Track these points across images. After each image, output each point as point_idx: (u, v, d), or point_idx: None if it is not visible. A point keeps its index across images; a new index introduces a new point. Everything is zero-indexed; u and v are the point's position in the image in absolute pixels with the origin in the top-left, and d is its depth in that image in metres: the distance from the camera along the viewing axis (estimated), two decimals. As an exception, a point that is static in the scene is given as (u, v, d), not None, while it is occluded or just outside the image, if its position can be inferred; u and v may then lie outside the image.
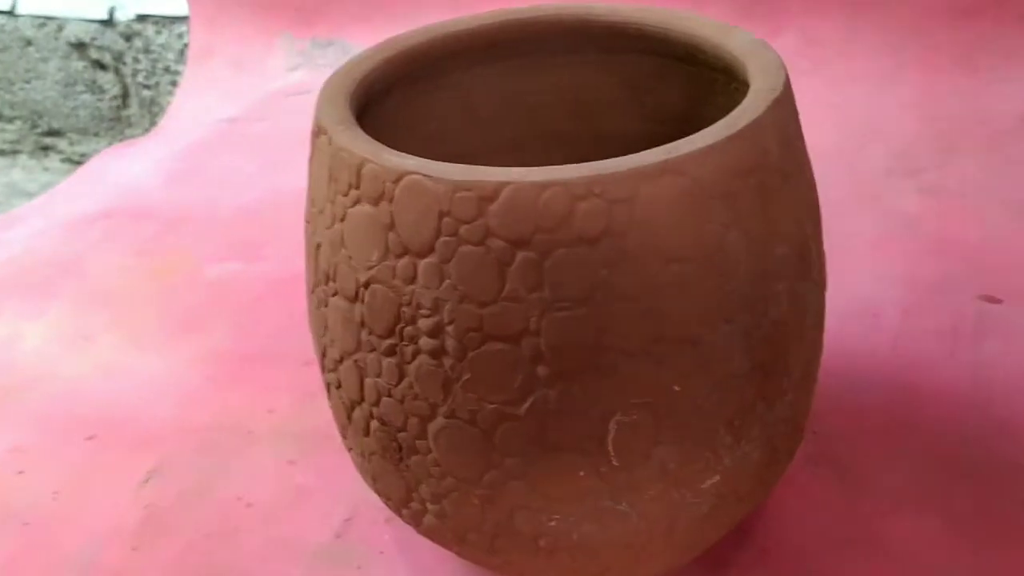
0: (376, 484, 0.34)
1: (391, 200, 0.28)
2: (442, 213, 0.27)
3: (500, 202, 0.26)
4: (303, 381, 0.49)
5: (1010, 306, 0.48)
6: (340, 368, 0.32)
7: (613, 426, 0.28)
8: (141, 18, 0.91)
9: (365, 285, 0.29)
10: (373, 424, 0.31)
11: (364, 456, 0.33)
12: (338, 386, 0.32)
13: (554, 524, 0.30)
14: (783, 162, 0.29)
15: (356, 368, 0.31)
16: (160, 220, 0.64)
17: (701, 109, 0.38)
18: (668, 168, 0.27)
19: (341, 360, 0.31)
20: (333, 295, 0.31)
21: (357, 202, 0.29)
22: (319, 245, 0.31)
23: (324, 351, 0.33)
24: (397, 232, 0.28)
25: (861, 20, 0.68)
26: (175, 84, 0.93)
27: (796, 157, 0.30)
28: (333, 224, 0.30)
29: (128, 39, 0.93)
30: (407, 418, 0.30)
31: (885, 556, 0.37)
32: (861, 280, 0.50)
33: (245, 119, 0.78)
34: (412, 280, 0.28)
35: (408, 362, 0.29)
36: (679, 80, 0.38)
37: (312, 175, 0.31)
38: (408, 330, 0.29)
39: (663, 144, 0.40)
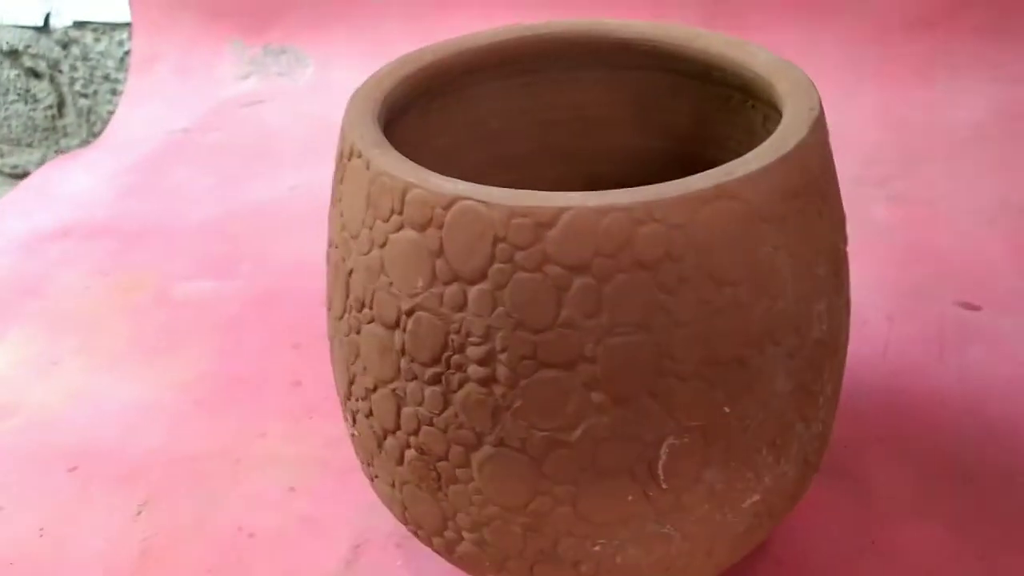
0: (406, 513, 0.33)
1: (440, 226, 0.27)
2: (497, 239, 0.26)
3: (559, 228, 0.26)
4: (293, 404, 0.47)
5: (989, 313, 0.50)
6: (372, 396, 0.31)
7: (665, 450, 0.28)
8: (79, 24, 0.88)
9: (408, 313, 0.28)
10: (409, 453, 0.31)
11: (394, 485, 0.32)
12: (368, 414, 0.31)
13: (598, 549, 0.30)
14: (822, 182, 0.30)
15: (393, 397, 0.30)
16: (119, 236, 0.62)
17: (711, 126, 0.38)
18: (723, 192, 0.26)
19: (375, 388, 0.30)
20: (369, 322, 0.30)
21: (400, 228, 0.28)
22: (351, 271, 0.30)
23: (352, 379, 0.32)
24: (446, 258, 0.27)
25: (820, 33, 0.70)
26: (115, 93, 0.90)
27: (831, 175, 0.31)
28: (371, 250, 0.29)
29: (65, 46, 0.89)
30: (449, 447, 0.29)
31: (895, 565, 0.38)
32: (844, 289, 0.51)
33: (198, 130, 0.75)
34: (462, 307, 0.27)
35: (454, 391, 0.28)
36: (690, 97, 0.38)
37: (344, 199, 0.30)
38: (456, 358, 0.28)
39: (669, 160, 0.40)
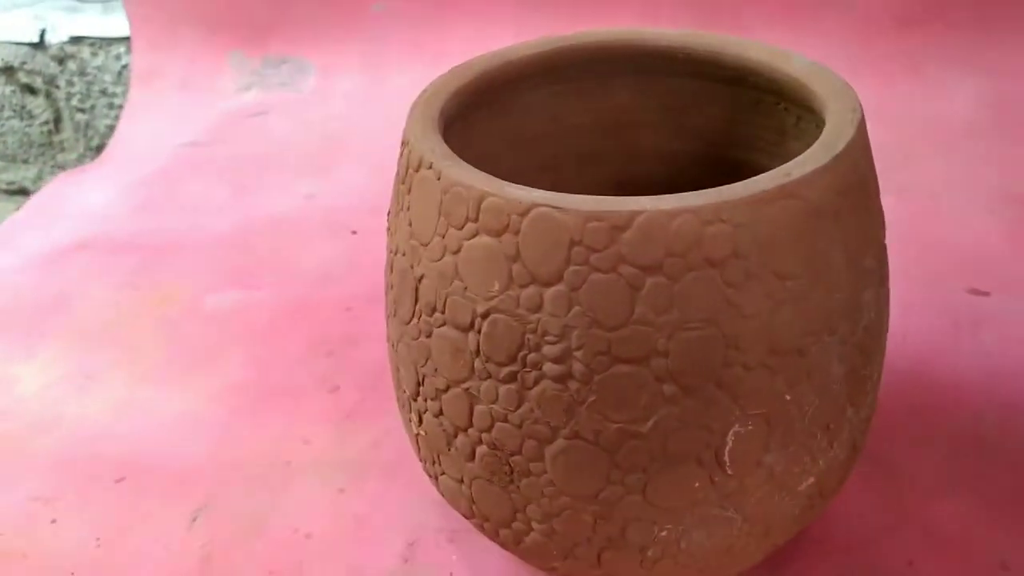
0: (473, 507, 0.34)
1: (517, 232, 0.28)
2: (573, 242, 0.28)
3: (633, 230, 0.27)
4: (333, 409, 0.48)
5: (998, 297, 0.52)
6: (444, 396, 0.32)
7: (731, 437, 0.30)
8: (75, 40, 0.88)
9: (484, 315, 0.30)
10: (481, 449, 0.32)
11: (462, 481, 0.34)
12: (438, 414, 0.33)
13: (665, 534, 0.32)
14: (868, 179, 0.31)
15: (466, 396, 0.31)
16: (140, 251, 0.63)
17: (738, 128, 0.40)
18: (785, 192, 0.28)
19: (447, 389, 0.32)
20: (441, 326, 0.31)
21: (475, 235, 0.29)
22: (422, 277, 0.31)
23: (421, 380, 0.33)
24: (523, 262, 0.29)
25: (811, 32, 0.72)
26: (112, 107, 0.90)
27: (873, 173, 0.32)
28: (443, 256, 0.30)
29: (61, 62, 0.89)
30: (523, 441, 0.31)
31: (933, 539, 0.40)
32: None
33: (206, 143, 0.76)
34: (538, 308, 0.29)
35: (529, 388, 0.30)
36: (719, 101, 0.40)
37: (413, 208, 0.32)
38: (531, 357, 0.29)
39: (696, 161, 0.42)
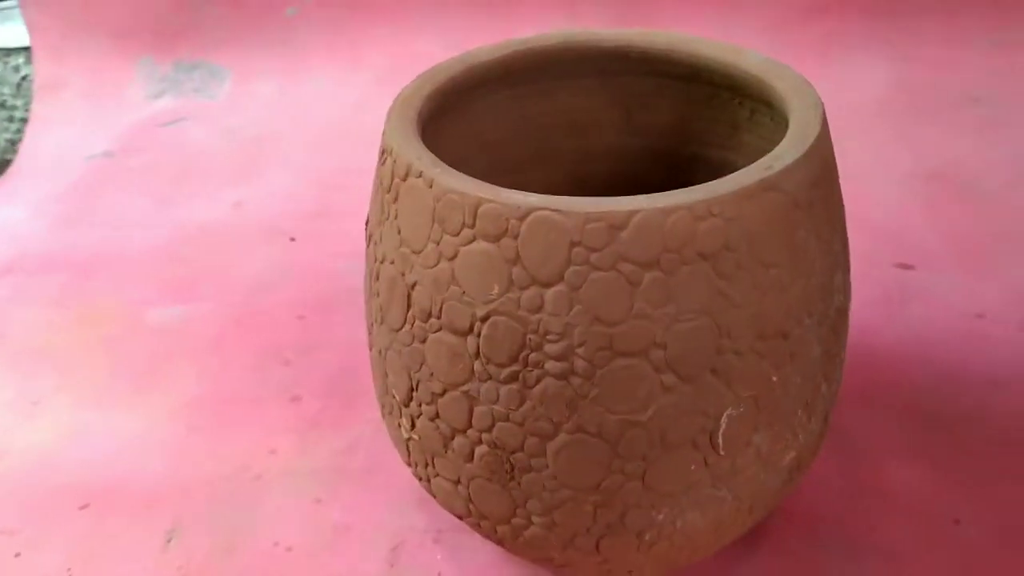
0: (470, 506, 0.35)
1: (516, 236, 0.29)
2: (573, 243, 0.29)
3: (630, 229, 0.28)
4: (297, 419, 0.48)
5: (922, 271, 0.55)
6: (440, 400, 0.33)
7: (724, 420, 0.31)
8: (-31, 51, 0.84)
9: (484, 319, 0.30)
10: (480, 449, 0.33)
11: (458, 482, 0.34)
12: (433, 417, 0.33)
13: (662, 517, 0.33)
14: (832, 168, 0.33)
15: (465, 398, 0.32)
16: (66, 269, 0.61)
17: (692, 123, 0.41)
18: (767, 185, 0.30)
19: (443, 392, 0.32)
20: (437, 331, 0.32)
21: (472, 240, 0.30)
22: (414, 284, 0.32)
23: (415, 386, 0.33)
24: (522, 265, 0.29)
25: (725, 20, 0.74)
26: (12, 120, 0.87)
27: (835, 161, 0.34)
28: (438, 263, 0.31)
29: (-46, 74, 0.85)
30: (525, 439, 0.31)
31: (888, 504, 0.42)
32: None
33: (122, 153, 0.74)
34: (539, 309, 0.30)
35: (531, 387, 0.31)
36: (673, 97, 0.41)
37: (401, 217, 0.32)
38: (533, 356, 0.30)
39: (652, 156, 0.43)
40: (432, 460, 0.35)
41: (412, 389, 0.34)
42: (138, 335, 0.54)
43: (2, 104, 0.87)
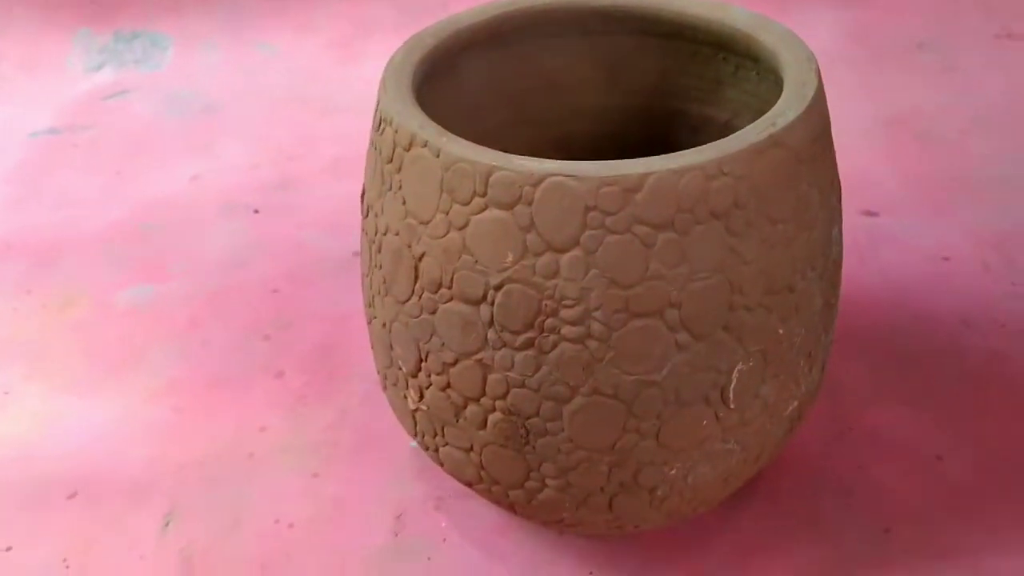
0: (481, 472, 0.35)
1: (530, 203, 0.29)
2: (588, 208, 0.29)
3: (645, 191, 0.29)
4: (283, 394, 0.48)
5: (886, 217, 0.57)
6: (452, 370, 0.33)
7: (735, 375, 0.32)
8: None
9: (497, 287, 0.30)
10: (494, 416, 0.33)
11: (470, 450, 0.34)
12: (444, 387, 0.33)
13: (674, 472, 0.33)
14: (828, 122, 0.34)
15: (479, 367, 0.32)
16: (23, 253, 0.59)
17: (674, 80, 0.42)
18: (774, 141, 0.30)
19: (455, 362, 0.32)
20: (447, 301, 0.31)
21: (484, 209, 0.30)
22: (422, 255, 0.32)
23: (424, 357, 0.33)
24: (537, 232, 0.29)
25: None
26: (-59, 98, 0.83)
27: (829, 115, 0.35)
28: (448, 233, 0.31)
29: None
30: (541, 404, 0.32)
31: (876, 444, 0.44)
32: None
33: (67, 129, 0.71)
34: (554, 275, 0.30)
35: (547, 352, 0.31)
36: (657, 55, 0.41)
37: (405, 187, 0.32)
38: (549, 322, 0.30)
39: (635, 115, 0.43)
40: (442, 430, 0.35)
41: (421, 360, 0.33)
42: (108, 318, 0.53)
43: (-70, 82, 0.83)
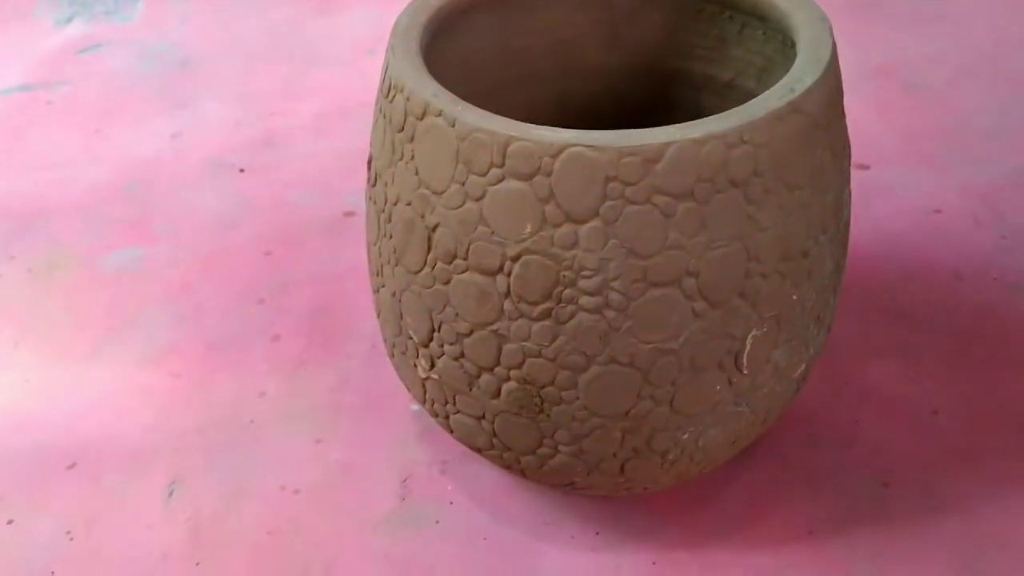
0: (493, 440, 0.35)
1: (549, 173, 0.29)
2: (608, 178, 0.28)
3: (665, 161, 0.28)
4: (281, 359, 0.47)
5: (877, 170, 0.57)
6: (466, 340, 0.32)
7: (750, 341, 0.32)
8: None
9: (515, 258, 0.30)
10: (508, 386, 0.33)
11: (483, 418, 0.34)
12: (458, 357, 0.33)
13: (686, 437, 0.34)
14: (841, 82, 0.33)
15: (494, 337, 0.32)
16: (7, 216, 0.57)
17: (677, 37, 0.41)
18: (793, 107, 0.30)
19: (470, 332, 0.32)
20: (463, 272, 0.31)
21: (501, 180, 0.29)
22: (436, 226, 0.31)
23: (436, 327, 0.33)
24: (556, 202, 0.29)
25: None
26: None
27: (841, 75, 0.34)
28: (464, 203, 0.30)
29: None
30: (557, 373, 0.32)
31: (871, 399, 0.44)
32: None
33: (41, 86, 0.69)
34: (573, 246, 0.29)
35: (564, 322, 0.31)
36: (660, 13, 0.40)
37: (419, 157, 0.31)
38: (567, 292, 0.30)
39: (635, 73, 0.43)
40: (453, 398, 0.35)
41: (434, 330, 0.33)
42: (98, 282, 0.52)
43: None
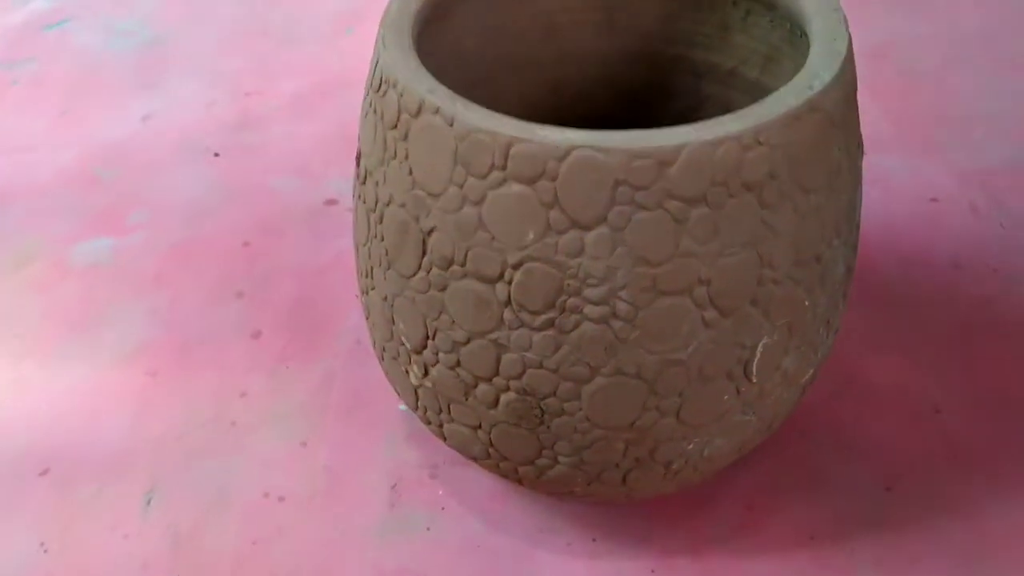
0: (490, 450, 0.33)
1: (554, 178, 0.27)
2: (617, 183, 0.27)
3: (679, 164, 0.27)
4: (262, 356, 0.46)
5: (873, 156, 0.55)
6: (463, 349, 0.31)
7: (760, 349, 0.31)
8: None
9: (516, 265, 0.28)
10: (507, 396, 0.31)
11: (479, 427, 0.33)
12: (453, 366, 0.31)
13: (691, 447, 0.32)
14: (856, 78, 0.32)
15: (493, 346, 0.30)
16: (-33, 203, 0.55)
17: (677, 23, 0.39)
18: (811, 106, 0.28)
19: (467, 341, 0.30)
20: (460, 278, 0.29)
21: (503, 183, 0.27)
22: (432, 230, 0.29)
23: (430, 335, 0.31)
24: (561, 208, 0.27)
25: None
26: None
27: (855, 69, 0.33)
28: (462, 207, 0.28)
29: None
30: (559, 384, 0.30)
31: (873, 396, 0.43)
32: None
33: (5, 64, 0.66)
34: (579, 253, 0.28)
35: (567, 332, 0.29)
36: (658, -4, 0.39)
37: (413, 157, 0.29)
38: (571, 302, 0.28)
39: (633, 59, 0.41)
40: (448, 407, 0.33)
41: (428, 337, 0.32)
42: (67, 275, 0.50)
43: None
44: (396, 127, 0.30)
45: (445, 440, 0.35)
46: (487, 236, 0.28)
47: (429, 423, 0.35)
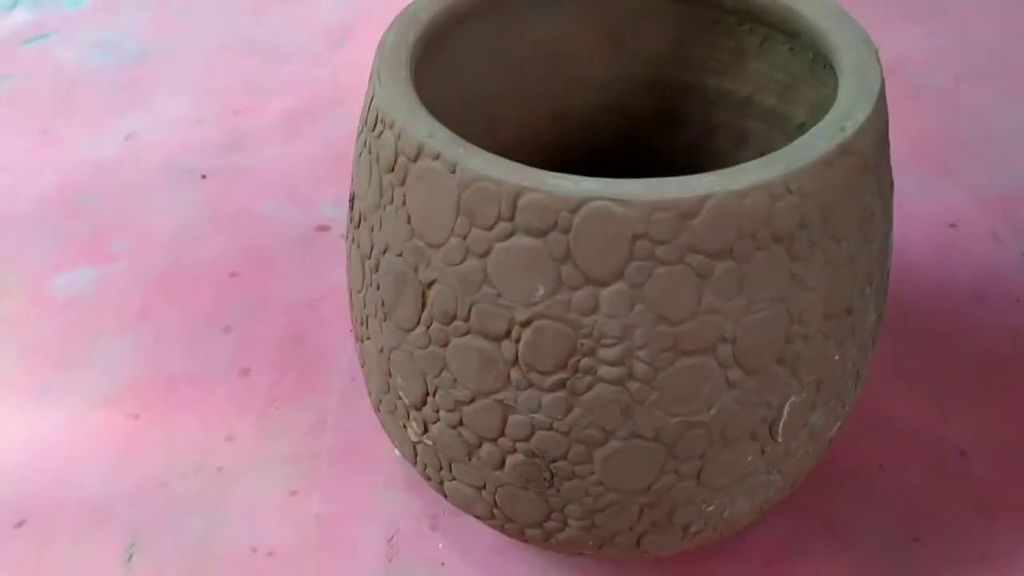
0: (495, 511, 0.31)
1: (567, 230, 0.25)
2: (636, 236, 0.24)
3: (703, 216, 0.24)
4: (250, 396, 0.43)
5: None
6: (466, 408, 0.28)
7: (787, 408, 0.28)
8: None
9: (525, 323, 0.26)
10: (514, 458, 0.29)
11: (483, 488, 0.30)
12: (456, 425, 0.29)
13: (711, 509, 0.30)
14: (887, 116, 0.30)
15: (499, 407, 0.28)
16: (-59, 229, 0.52)
17: (689, 48, 0.37)
18: (844, 150, 0.26)
19: (471, 400, 0.28)
20: (464, 335, 0.27)
21: (510, 235, 0.25)
22: (432, 283, 0.27)
23: (431, 392, 0.29)
24: (574, 262, 0.25)
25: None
26: None
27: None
28: (465, 260, 0.26)
29: None
30: (571, 447, 0.28)
31: (896, 439, 0.41)
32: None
33: (-19, 80, 0.64)
34: (593, 311, 0.25)
35: (580, 394, 0.27)
36: (669, 21, 0.36)
37: (411, 204, 0.27)
38: (584, 362, 0.26)
39: (641, 85, 0.39)
40: (449, 466, 0.31)
41: (428, 395, 0.29)
42: (45, 308, 0.47)
43: None
44: (393, 171, 0.27)
45: (447, 498, 0.33)
46: (493, 291, 0.26)
47: (429, 479, 0.33)
